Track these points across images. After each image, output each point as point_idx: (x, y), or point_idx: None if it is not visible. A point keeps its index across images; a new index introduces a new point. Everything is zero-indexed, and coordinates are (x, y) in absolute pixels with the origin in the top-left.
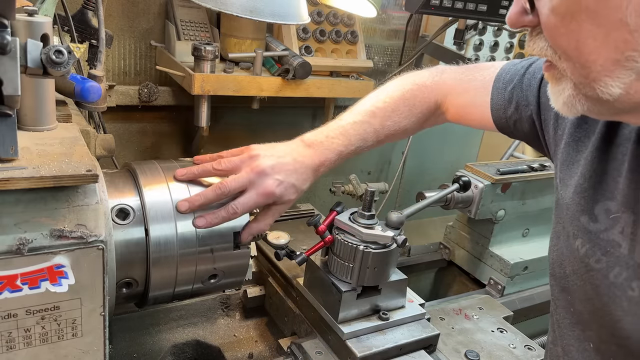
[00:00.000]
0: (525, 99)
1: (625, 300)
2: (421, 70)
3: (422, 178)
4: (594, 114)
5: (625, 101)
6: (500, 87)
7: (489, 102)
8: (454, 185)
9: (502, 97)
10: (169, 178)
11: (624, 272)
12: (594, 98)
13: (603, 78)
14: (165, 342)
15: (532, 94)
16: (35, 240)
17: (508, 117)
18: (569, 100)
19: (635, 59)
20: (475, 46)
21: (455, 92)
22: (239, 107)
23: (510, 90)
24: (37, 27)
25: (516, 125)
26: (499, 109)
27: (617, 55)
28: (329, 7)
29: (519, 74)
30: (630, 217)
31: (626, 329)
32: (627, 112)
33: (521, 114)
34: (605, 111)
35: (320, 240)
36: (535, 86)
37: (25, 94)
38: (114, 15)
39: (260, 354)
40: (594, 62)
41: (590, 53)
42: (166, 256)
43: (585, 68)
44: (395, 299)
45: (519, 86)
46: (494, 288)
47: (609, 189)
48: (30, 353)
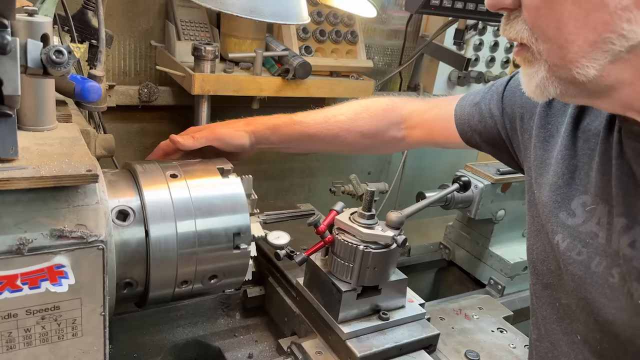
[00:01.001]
0: (488, 111)
1: (607, 288)
2: None
3: (422, 178)
4: (566, 97)
5: (598, 83)
6: (464, 103)
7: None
8: (454, 185)
9: (466, 110)
10: (169, 178)
11: (603, 261)
12: (568, 80)
13: (580, 59)
14: (165, 342)
15: (496, 104)
16: (35, 240)
17: (473, 129)
18: (542, 82)
19: (612, 41)
20: (475, 46)
21: (421, 110)
22: (239, 107)
23: (474, 105)
24: (37, 27)
25: (482, 137)
26: (463, 122)
27: (595, 36)
28: (329, 7)
29: (482, 91)
30: (605, 208)
31: (610, 314)
32: (598, 96)
33: (486, 125)
34: (577, 93)
35: (320, 240)
36: (498, 97)
37: (25, 94)
38: (114, 15)
39: (260, 354)
40: (572, 42)
41: (570, 33)
42: (166, 256)
43: (563, 49)
44: (395, 299)
45: (482, 100)
46: (494, 288)
47: (582, 183)
48: (30, 353)
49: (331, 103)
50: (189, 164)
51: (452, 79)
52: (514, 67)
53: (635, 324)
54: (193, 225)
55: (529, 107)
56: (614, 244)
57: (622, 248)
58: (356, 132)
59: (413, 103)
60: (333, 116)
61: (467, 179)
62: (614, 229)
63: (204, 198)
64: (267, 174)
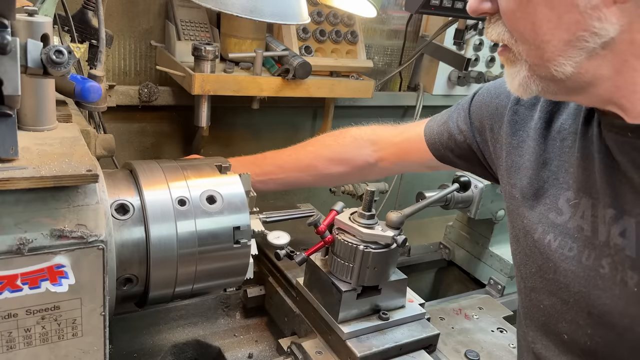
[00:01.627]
0: (456, 127)
1: (599, 279)
2: None
3: (422, 178)
4: (548, 94)
5: (576, 80)
6: (432, 124)
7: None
8: (454, 185)
9: (435, 130)
10: (169, 178)
11: (592, 253)
12: (547, 78)
13: (557, 58)
14: (165, 342)
15: (463, 120)
16: (35, 240)
17: (445, 147)
18: (524, 81)
19: (585, 39)
20: (475, 46)
21: (391, 134)
22: (239, 107)
23: (442, 124)
24: (37, 27)
25: (454, 153)
26: (434, 141)
27: (569, 35)
28: (329, 7)
29: (448, 111)
30: (588, 202)
31: (605, 305)
32: (578, 92)
33: (456, 142)
34: (558, 90)
35: (320, 240)
36: (465, 113)
37: (25, 94)
38: (114, 15)
39: (260, 354)
40: (548, 42)
41: (545, 34)
42: (166, 256)
43: (540, 49)
44: (395, 298)
45: (449, 119)
46: (494, 288)
47: (565, 180)
48: (31, 353)
49: (331, 103)
50: (188, 161)
51: (452, 79)
52: None
53: (633, 312)
54: (193, 225)
55: (497, 117)
56: (601, 236)
57: (613, 238)
58: (325, 159)
59: (382, 129)
60: (302, 148)
61: (467, 179)
62: (599, 220)
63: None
64: None
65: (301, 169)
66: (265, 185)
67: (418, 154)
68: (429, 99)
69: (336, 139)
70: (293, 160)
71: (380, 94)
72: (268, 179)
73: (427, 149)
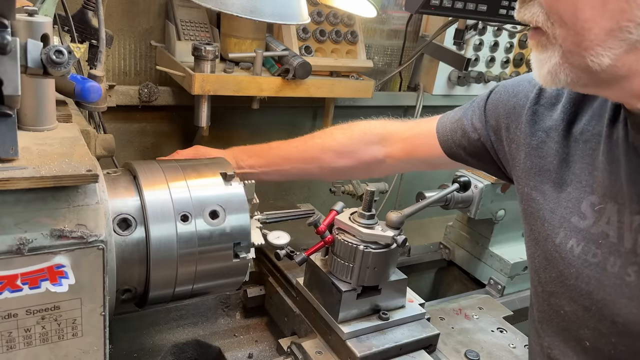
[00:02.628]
0: (471, 125)
1: (625, 287)
2: None
3: (422, 178)
4: (577, 86)
5: (611, 73)
6: (445, 120)
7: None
8: (454, 185)
9: (448, 127)
10: (169, 178)
11: (618, 261)
12: (581, 67)
13: (595, 47)
14: (165, 342)
15: (478, 118)
16: (35, 240)
17: (457, 145)
18: (554, 68)
19: (629, 30)
20: (475, 46)
21: (401, 129)
22: (239, 107)
23: (455, 121)
24: (37, 27)
25: (466, 151)
26: (446, 138)
27: (612, 24)
28: (329, 7)
29: (462, 108)
30: (614, 207)
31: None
32: (609, 86)
33: (469, 139)
34: (589, 82)
35: (320, 240)
36: (480, 111)
37: (25, 94)
38: (114, 15)
39: (260, 354)
40: (589, 29)
41: (587, 20)
42: (166, 256)
43: (579, 35)
44: (395, 298)
45: (463, 116)
46: (494, 288)
47: (589, 184)
48: (31, 353)
49: (331, 103)
50: (190, 163)
51: (452, 79)
52: (514, 67)
53: None
54: (193, 225)
55: (514, 116)
56: (627, 243)
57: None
58: (332, 151)
59: (392, 124)
60: (310, 139)
61: (467, 179)
62: (625, 227)
63: (204, 198)
64: None
65: (307, 161)
66: (268, 176)
67: (428, 150)
68: (429, 99)
69: (344, 132)
70: (299, 152)
71: (380, 94)
72: (272, 170)
73: (438, 146)
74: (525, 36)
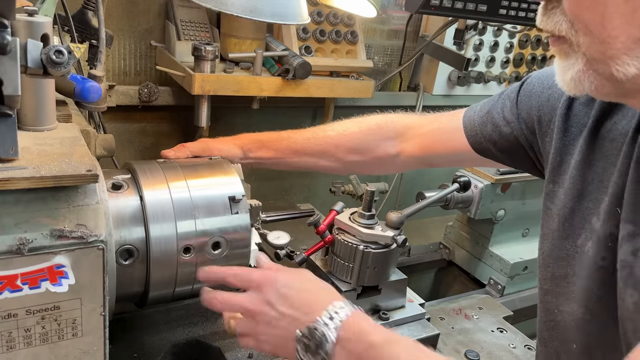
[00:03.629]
0: (502, 118)
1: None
2: None
3: (422, 178)
4: (600, 94)
5: (636, 82)
6: (472, 114)
7: (462, 128)
8: (454, 185)
9: (476, 120)
10: (169, 178)
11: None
12: (605, 75)
13: (621, 56)
14: (165, 342)
15: (510, 111)
16: (35, 240)
17: (487, 139)
18: (578, 75)
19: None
20: (475, 46)
21: (419, 123)
22: (239, 107)
23: (485, 114)
24: (37, 27)
25: (497, 146)
26: (475, 132)
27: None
28: (329, 7)
29: (491, 101)
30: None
31: None
32: (634, 95)
33: (501, 133)
34: (613, 91)
35: (320, 240)
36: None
37: (25, 94)
38: (114, 15)
39: (260, 354)
40: (615, 38)
41: (614, 29)
42: (166, 256)
43: (604, 44)
44: (395, 298)
45: (493, 109)
46: (494, 288)
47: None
48: (31, 353)
49: (331, 103)
50: (190, 163)
51: (452, 79)
52: (514, 67)
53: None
54: (193, 225)
55: (547, 109)
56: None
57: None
58: (345, 147)
59: (409, 117)
60: (322, 132)
61: (467, 179)
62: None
63: (204, 198)
64: (267, 174)
65: (318, 155)
66: (278, 166)
67: (452, 145)
68: (428, 99)
69: (359, 126)
70: (311, 145)
71: (380, 94)
72: (282, 162)
73: (464, 141)
74: (525, 36)
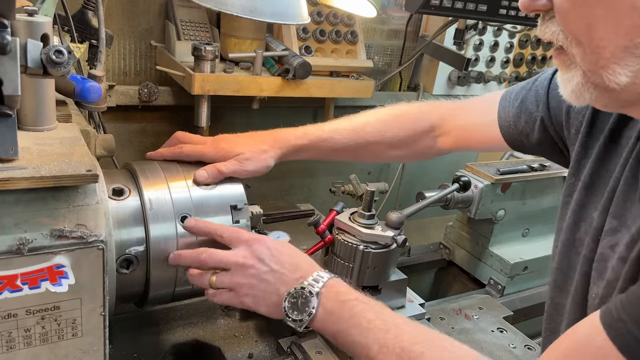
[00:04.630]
0: (535, 109)
1: None
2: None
3: (422, 178)
4: (600, 105)
5: (632, 91)
6: (507, 104)
7: (496, 120)
8: (454, 185)
9: (510, 112)
10: (169, 178)
11: None
12: (601, 86)
13: (612, 65)
14: (165, 342)
15: (542, 100)
16: (35, 240)
17: (520, 132)
18: (578, 88)
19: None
20: (475, 46)
21: (453, 114)
22: (239, 107)
23: (518, 105)
24: (37, 27)
25: (529, 139)
26: (508, 125)
27: (627, 41)
28: (329, 7)
29: (525, 89)
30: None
31: None
32: (632, 104)
33: (533, 126)
34: (610, 102)
35: (320, 240)
36: (544, 92)
37: (25, 94)
38: (114, 15)
39: (260, 354)
40: (604, 48)
41: (601, 39)
42: (166, 256)
43: (595, 54)
44: (395, 298)
45: (526, 99)
46: (494, 288)
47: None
48: (30, 353)
49: (331, 103)
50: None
51: (452, 79)
52: (514, 67)
53: None
54: None
55: None
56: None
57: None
58: (385, 144)
59: (443, 107)
60: (361, 129)
61: (467, 179)
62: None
63: (204, 198)
64: (267, 174)
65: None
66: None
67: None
68: (429, 99)
69: (397, 120)
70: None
71: (380, 94)
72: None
73: (498, 136)
74: (525, 36)
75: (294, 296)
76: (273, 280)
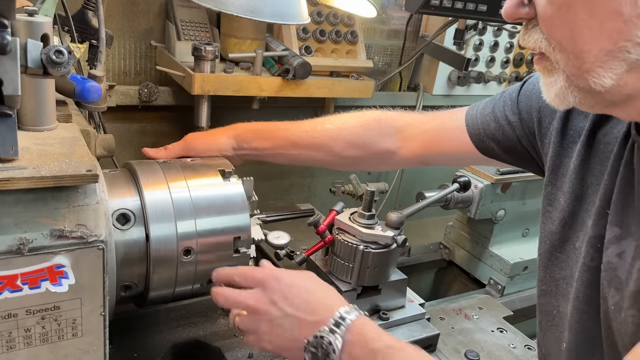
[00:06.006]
0: (504, 117)
1: None
2: None
3: (422, 178)
4: (585, 107)
5: (615, 93)
6: (474, 113)
7: (464, 125)
8: (454, 185)
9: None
10: (169, 178)
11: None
12: (585, 90)
13: (596, 69)
14: (165, 342)
15: (511, 110)
16: (35, 240)
17: (490, 138)
18: (561, 92)
19: (627, 49)
20: (475, 46)
21: (420, 120)
22: (239, 107)
23: (488, 113)
24: (37, 27)
25: (500, 145)
26: (477, 128)
27: (611, 45)
28: (329, 7)
29: (493, 99)
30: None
31: None
32: (617, 105)
33: (504, 133)
34: (596, 104)
35: (320, 240)
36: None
37: (25, 94)
38: (114, 15)
39: (260, 354)
40: (588, 52)
41: (585, 43)
42: (166, 256)
43: (578, 59)
44: (395, 298)
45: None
46: (494, 288)
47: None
48: (31, 353)
49: (331, 103)
50: (190, 163)
51: (452, 79)
52: (514, 67)
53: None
54: (193, 225)
55: (548, 111)
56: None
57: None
58: (343, 141)
59: (409, 115)
60: (320, 124)
61: (467, 179)
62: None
63: (204, 198)
64: (267, 174)
65: (316, 148)
66: (274, 159)
67: (454, 143)
68: (429, 99)
69: (358, 120)
70: (309, 138)
71: (380, 94)
72: (278, 154)
73: (467, 140)
74: None
75: (314, 345)
76: (289, 326)
